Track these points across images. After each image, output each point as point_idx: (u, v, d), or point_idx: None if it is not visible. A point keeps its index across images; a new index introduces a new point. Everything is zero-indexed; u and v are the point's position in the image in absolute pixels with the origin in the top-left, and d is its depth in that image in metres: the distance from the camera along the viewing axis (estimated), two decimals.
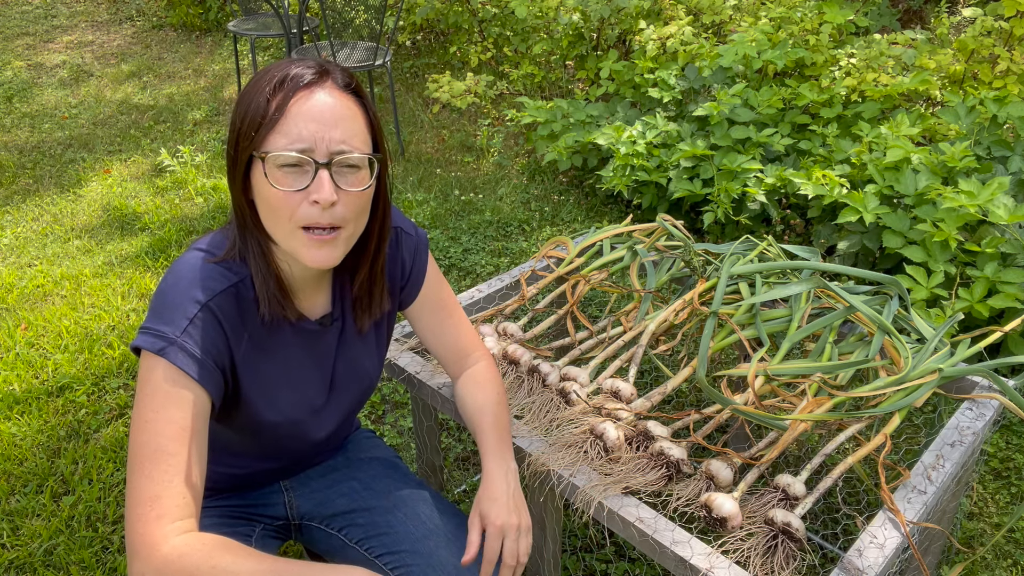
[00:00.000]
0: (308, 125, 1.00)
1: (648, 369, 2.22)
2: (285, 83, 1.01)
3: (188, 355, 1.02)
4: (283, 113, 1.00)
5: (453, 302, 1.37)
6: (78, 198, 3.86)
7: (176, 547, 0.96)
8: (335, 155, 1.02)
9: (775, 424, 1.30)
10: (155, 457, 0.99)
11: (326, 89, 1.03)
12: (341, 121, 1.02)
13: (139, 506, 0.97)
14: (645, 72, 3.87)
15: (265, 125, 1.01)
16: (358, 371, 1.27)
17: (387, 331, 1.33)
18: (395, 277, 1.29)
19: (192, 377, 1.02)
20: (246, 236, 1.09)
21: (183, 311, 1.03)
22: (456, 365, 1.38)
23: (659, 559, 1.15)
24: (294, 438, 1.24)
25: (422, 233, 1.32)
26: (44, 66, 5.92)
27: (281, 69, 1.03)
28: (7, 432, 2.31)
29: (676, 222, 1.89)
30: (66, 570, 1.88)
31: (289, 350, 1.17)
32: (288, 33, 4.43)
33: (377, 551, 1.28)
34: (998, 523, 2.00)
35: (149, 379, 1.02)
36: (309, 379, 1.20)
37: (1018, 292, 2.33)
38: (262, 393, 1.15)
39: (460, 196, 3.85)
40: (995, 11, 3.46)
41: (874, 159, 2.87)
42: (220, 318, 1.06)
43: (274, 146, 1.00)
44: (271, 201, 1.02)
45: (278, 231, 1.05)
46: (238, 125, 1.03)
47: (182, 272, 1.06)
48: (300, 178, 1.01)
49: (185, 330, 1.02)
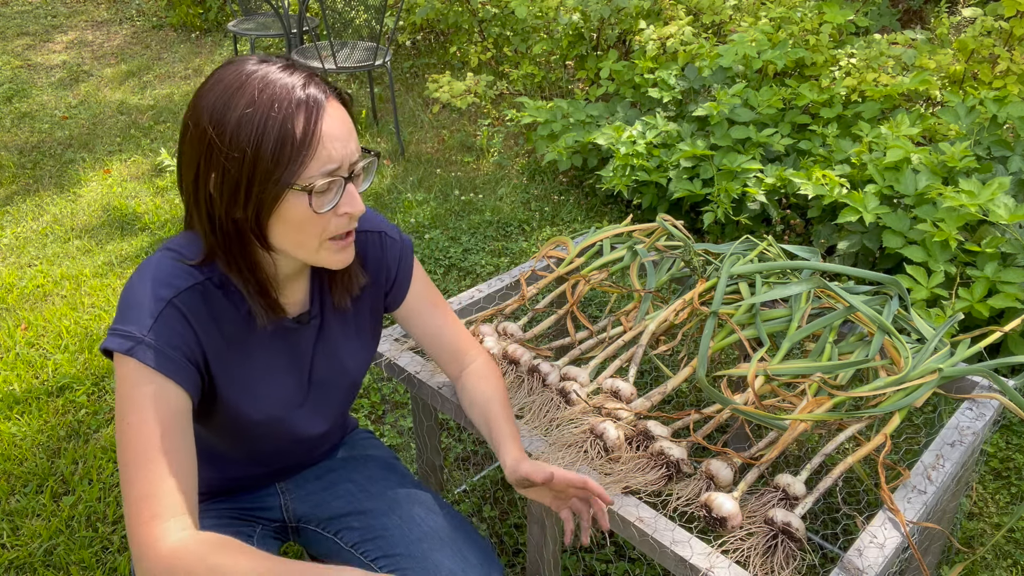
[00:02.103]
0: (335, 145, 0.99)
1: (648, 369, 2.22)
2: (308, 108, 0.97)
3: (157, 352, 1.01)
4: (314, 138, 0.97)
5: (444, 304, 1.38)
6: (78, 198, 3.86)
7: (173, 546, 0.95)
8: (354, 167, 1.03)
9: (775, 424, 1.30)
10: (142, 458, 0.98)
11: (331, 103, 1.01)
12: (351, 132, 1.03)
13: (134, 508, 0.97)
14: (645, 72, 3.87)
15: (295, 155, 0.97)
16: (339, 369, 1.26)
17: (372, 330, 1.31)
18: (380, 280, 1.28)
19: (164, 374, 1.01)
20: (232, 253, 1.06)
21: (148, 309, 1.02)
22: (455, 364, 1.37)
23: (659, 559, 1.15)
24: (279, 437, 1.23)
25: (407, 239, 1.32)
26: (44, 66, 5.92)
27: (295, 90, 0.98)
28: (7, 432, 2.31)
29: (676, 222, 1.89)
30: (66, 570, 1.88)
31: (265, 348, 1.16)
32: (288, 33, 4.43)
33: (372, 555, 1.27)
34: (998, 523, 2.00)
35: (123, 381, 1.01)
36: (286, 376, 1.20)
37: (1018, 292, 2.33)
38: (239, 391, 1.15)
39: (460, 196, 3.85)
40: (995, 11, 3.46)
41: (874, 159, 2.87)
42: (186, 314, 1.05)
43: (312, 173, 0.98)
44: (304, 225, 1.01)
45: (304, 249, 1.05)
46: (249, 154, 0.96)
47: (147, 271, 1.05)
48: (331, 197, 1.02)
49: (151, 328, 1.01)
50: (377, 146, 4.48)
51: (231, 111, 0.96)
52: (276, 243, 1.05)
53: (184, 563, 0.94)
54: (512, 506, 2.04)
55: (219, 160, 0.97)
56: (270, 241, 1.05)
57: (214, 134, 0.97)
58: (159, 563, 0.95)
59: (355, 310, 1.27)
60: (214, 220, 1.03)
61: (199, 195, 1.02)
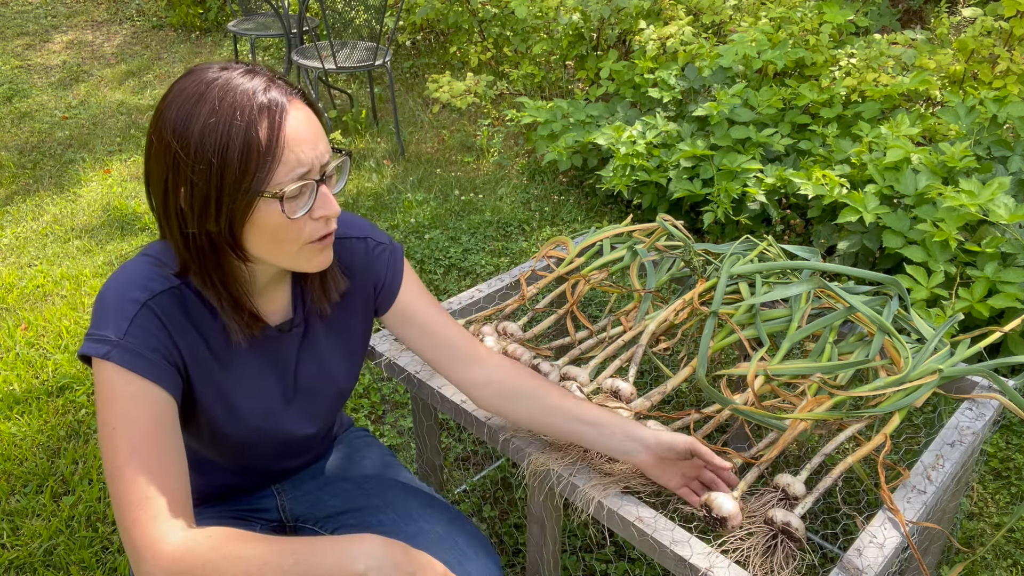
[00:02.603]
0: (303, 148, 0.97)
1: (648, 369, 2.22)
2: (271, 111, 0.95)
3: (135, 355, 0.99)
4: (279, 144, 0.95)
5: (438, 305, 1.33)
6: (78, 198, 3.86)
7: (179, 544, 0.94)
8: (325, 168, 1.00)
9: (774, 424, 1.30)
10: (132, 460, 0.96)
11: (294, 105, 0.98)
12: (319, 134, 1.00)
13: (131, 511, 0.95)
14: (645, 72, 3.87)
15: (262, 162, 0.94)
16: (325, 376, 1.23)
17: (361, 337, 1.29)
18: (367, 286, 1.25)
19: (144, 376, 0.99)
20: (206, 268, 1.03)
21: (123, 312, 1.00)
22: (461, 362, 1.29)
23: (659, 559, 1.15)
24: (265, 444, 1.21)
25: (396, 243, 1.29)
26: (43, 66, 5.92)
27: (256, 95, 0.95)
28: (7, 432, 2.31)
29: (676, 222, 1.89)
30: (66, 570, 1.88)
31: (246, 356, 1.14)
32: (288, 33, 4.43)
33: None
34: (998, 523, 2.00)
35: (103, 386, 0.99)
36: (268, 384, 1.17)
37: (1018, 292, 2.33)
38: (219, 399, 1.12)
39: (460, 196, 3.85)
40: (995, 11, 3.46)
41: (874, 159, 2.87)
42: (161, 316, 1.03)
43: (281, 179, 0.95)
44: (279, 232, 0.99)
45: (282, 255, 1.02)
46: (215, 165, 0.93)
47: (122, 276, 1.04)
48: (305, 201, 0.99)
49: (127, 331, 1.00)
50: (377, 146, 4.48)
51: (194, 122, 0.93)
52: (253, 252, 1.02)
53: (195, 557, 0.93)
54: (512, 506, 2.04)
55: (186, 174, 0.94)
56: (247, 251, 1.02)
57: (178, 147, 0.94)
58: (165, 562, 0.93)
59: (342, 316, 1.24)
60: (187, 236, 1.00)
61: (169, 210, 0.99)
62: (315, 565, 0.93)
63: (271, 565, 0.92)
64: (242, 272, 1.07)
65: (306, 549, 0.94)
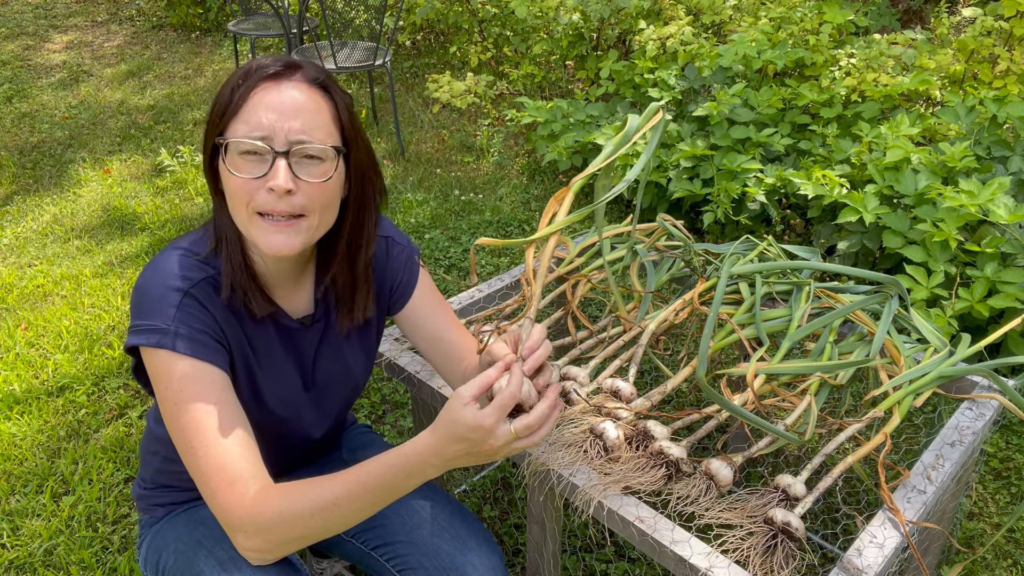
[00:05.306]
0: (268, 114, 1.02)
1: (648, 369, 2.22)
2: (250, 74, 1.04)
3: (186, 339, 1.04)
4: (245, 101, 1.03)
5: (449, 308, 1.37)
6: (78, 198, 3.86)
7: (257, 501, 0.99)
8: (294, 144, 1.03)
9: (769, 429, 1.30)
10: (200, 435, 1.02)
11: (292, 81, 1.05)
12: (303, 112, 1.04)
13: (209, 481, 1.01)
14: (645, 72, 3.87)
15: (228, 113, 1.04)
16: (340, 373, 1.28)
17: (375, 337, 1.33)
18: (384, 284, 1.30)
19: (198, 358, 1.04)
20: (220, 226, 1.11)
21: (168, 301, 1.06)
22: (458, 367, 1.32)
23: (659, 558, 1.15)
24: (280, 436, 1.25)
25: (414, 246, 1.34)
26: (43, 66, 5.92)
27: (253, 62, 1.07)
28: (7, 432, 2.31)
29: (676, 222, 1.89)
30: (66, 570, 1.88)
31: (269, 344, 1.19)
32: (288, 33, 4.43)
33: (372, 543, 1.29)
34: (998, 523, 2.00)
35: (159, 372, 1.04)
36: (290, 373, 1.22)
37: (1018, 292, 2.33)
38: (249, 382, 1.17)
39: (460, 196, 3.85)
40: (995, 11, 3.46)
41: (874, 159, 2.87)
42: (203, 302, 1.08)
43: (234, 133, 1.03)
44: (231, 187, 1.05)
45: (238, 217, 1.07)
46: (209, 115, 1.08)
47: (159, 267, 1.09)
48: (259, 166, 1.03)
49: (175, 317, 1.05)
50: (377, 146, 4.48)
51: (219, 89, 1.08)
52: (229, 211, 1.09)
53: (273, 510, 0.99)
54: (512, 506, 2.04)
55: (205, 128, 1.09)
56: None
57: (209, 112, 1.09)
58: (247, 519, 0.99)
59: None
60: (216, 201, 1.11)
61: (206, 171, 1.10)
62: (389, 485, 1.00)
63: (340, 500, 0.99)
64: (256, 261, 1.14)
65: (378, 475, 0.99)
